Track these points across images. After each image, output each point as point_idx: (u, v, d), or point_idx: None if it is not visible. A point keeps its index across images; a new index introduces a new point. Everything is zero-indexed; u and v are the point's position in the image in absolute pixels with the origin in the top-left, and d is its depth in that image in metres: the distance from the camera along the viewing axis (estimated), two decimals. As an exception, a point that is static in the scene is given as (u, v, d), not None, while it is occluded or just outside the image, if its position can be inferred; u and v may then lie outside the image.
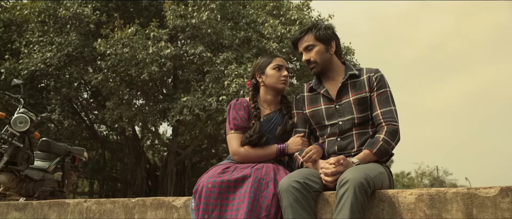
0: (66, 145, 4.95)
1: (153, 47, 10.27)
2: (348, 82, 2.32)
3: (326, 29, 2.37)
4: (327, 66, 2.37)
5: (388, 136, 2.15)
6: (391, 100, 2.25)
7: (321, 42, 2.35)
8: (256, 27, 11.94)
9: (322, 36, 2.34)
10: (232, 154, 2.31)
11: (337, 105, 2.30)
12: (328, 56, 2.36)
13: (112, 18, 11.30)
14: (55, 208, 2.60)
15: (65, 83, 11.20)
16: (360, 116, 2.25)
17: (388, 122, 2.19)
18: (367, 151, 2.11)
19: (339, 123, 2.26)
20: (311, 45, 2.35)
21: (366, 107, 2.26)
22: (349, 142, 2.23)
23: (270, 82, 2.46)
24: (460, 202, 1.70)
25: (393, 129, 2.17)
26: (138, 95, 13.11)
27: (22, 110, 4.27)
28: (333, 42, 2.37)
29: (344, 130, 2.25)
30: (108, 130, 15.93)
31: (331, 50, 2.36)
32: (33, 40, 10.82)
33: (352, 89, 2.30)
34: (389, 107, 2.23)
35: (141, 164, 14.63)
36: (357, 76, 2.33)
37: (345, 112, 2.27)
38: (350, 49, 13.12)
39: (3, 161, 4.02)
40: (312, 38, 2.35)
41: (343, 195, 1.74)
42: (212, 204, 1.94)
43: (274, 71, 2.46)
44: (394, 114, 2.22)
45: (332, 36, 2.37)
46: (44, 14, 10.77)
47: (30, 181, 4.44)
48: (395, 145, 2.18)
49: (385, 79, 2.31)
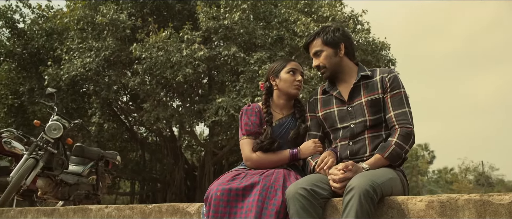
0: (99, 150, 5.12)
1: (187, 49, 10.44)
2: (361, 84, 2.27)
3: (334, 33, 2.33)
4: (337, 70, 2.33)
5: (401, 139, 2.08)
6: (405, 102, 2.18)
7: (329, 46, 2.31)
8: (288, 25, 11.89)
9: (330, 40, 2.31)
10: (245, 159, 2.31)
11: (349, 108, 2.25)
12: (337, 60, 2.32)
13: (146, 23, 11.57)
14: (79, 213, 2.69)
15: (104, 87, 11.57)
16: (372, 118, 2.19)
17: (402, 124, 2.12)
18: (379, 156, 2.06)
19: (351, 126, 2.22)
20: (319, 50, 2.32)
21: (379, 109, 2.20)
22: (361, 146, 2.18)
23: (283, 87, 2.43)
24: (473, 210, 1.62)
25: (407, 132, 2.10)
26: (174, 97, 13.37)
27: (55, 117, 4.44)
28: (342, 45, 2.32)
29: (355, 133, 2.20)
30: (147, 131, 16.33)
31: (340, 54, 2.32)
32: (73, 47, 11.25)
33: (364, 91, 2.24)
34: (403, 109, 2.16)
35: (179, 164, 14.91)
36: (370, 77, 2.27)
37: (357, 114, 2.22)
38: (385, 44, 12.84)
39: (39, 167, 4.20)
40: (320, 43, 2.33)
41: (348, 202, 1.71)
42: (220, 212, 1.94)
43: (288, 75, 2.43)
44: (408, 115, 2.15)
45: (341, 38, 2.32)
46: (82, 21, 11.17)
47: (65, 185, 4.62)
48: (409, 148, 2.11)
49: (399, 80, 2.24)
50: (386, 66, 12.97)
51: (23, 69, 12.75)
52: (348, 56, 2.35)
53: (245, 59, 10.85)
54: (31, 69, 12.62)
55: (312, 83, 10.11)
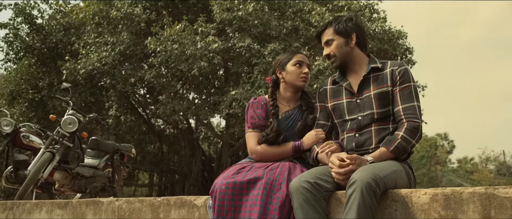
0: (114, 143, 5.20)
1: (202, 42, 10.45)
2: (371, 76, 2.25)
3: (346, 22, 2.31)
4: (347, 60, 2.31)
5: (408, 133, 2.06)
6: (414, 96, 2.15)
7: (340, 35, 2.30)
8: (303, 16, 11.80)
9: (341, 29, 2.30)
10: (250, 152, 2.33)
11: (358, 100, 2.24)
12: (347, 50, 2.30)
13: (161, 16, 11.62)
14: (92, 206, 2.75)
15: (120, 81, 11.70)
16: (380, 111, 2.17)
17: (409, 118, 2.10)
18: (384, 149, 2.04)
19: (358, 118, 2.21)
20: (331, 39, 2.32)
21: (387, 102, 2.18)
22: (367, 138, 2.17)
23: (290, 79, 2.43)
24: (477, 203, 1.60)
25: (414, 126, 2.08)
26: (190, 89, 13.44)
27: (71, 112, 4.53)
28: (354, 35, 2.30)
29: (362, 126, 2.19)
30: (164, 123, 16.48)
31: (351, 44, 2.30)
32: (90, 41, 11.39)
33: (374, 83, 2.23)
34: (412, 103, 2.13)
35: (197, 156, 15.02)
36: (380, 70, 2.25)
37: (365, 107, 2.21)
38: (402, 33, 12.65)
39: (55, 160, 4.30)
40: (332, 32, 2.32)
41: (350, 196, 1.70)
42: (226, 206, 1.96)
43: (295, 68, 2.43)
44: (416, 110, 2.12)
45: (353, 28, 2.30)
46: (98, 16, 11.28)
47: (81, 178, 4.72)
48: (415, 142, 2.09)
49: (410, 73, 2.21)
50: (403, 55, 12.78)
51: (42, 64, 12.97)
52: (359, 47, 2.33)
53: (260, 51, 10.82)
54: (50, 64, 12.84)
55: (326, 73, 10.05)
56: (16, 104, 13.13)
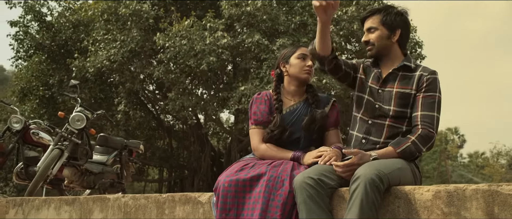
0: (123, 139, 5.24)
1: (210, 37, 10.46)
2: (400, 73, 2.22)
3: (395, 15, 2.24)
4: (383, 53, 2.26)
5: (420, 139, 2.04)
6: (436, 107, 2.11)
7: (385, 27, 2.23)
8: (311, 10, 11.73)
9: (388, 21, 2.22)
10: (253, 149, 2.33)
11: (380, 90, 2.22)
12: (388, 43, 2.24)
13: (169, 12, 11.65)
14: (98, 202, 2.78)
15: (129, 78, 11.76)
16: (397, 110, 2.15)
17: (425, 126, 2.07)
18: (391, 149, 2.03)
19: (376, 106, 2.20)
20: (374, 27, 2.24)
21: (407, 103, 2.15)
22: (377, 130, 2.16)
23: (293, 72, 2.40)
24: (481, 200, 1.59)
25: (428, 135, 2.06)
26: (199, 85, 13.47)
27: (79, 109, 4.56)
28: (398, 31, 2.23)
29: (376, 115, 2.18)
30: (173, 119, 16.56)
31: (393, 39, 2.24)
32: (99, 39, 11.46)
33: (400, 81, 2.19)
34: (432, 113, 2.10)
35: (206, 151, 15.08)
36: (411, 70, 2.21)
37: (385, 100, 2.19)
38: (411, 27, 12.50)
39: (64, 157, 4.34)
40: (378, 21, 2.24)
41: (354, 191, 1.71)
42: (229, 204, 1.96)
43: (299, 61, 2.39)
44: (434, 120, 2.09)
45: (400, 24, 2.23)
46: (106, 13, 11.34)
47: (90, 174, 4.76)
48: (425, 150, 2.07)
49: (438, 83, 2.15)
50: (412, 49, 12.66)
51: (52, 61, 13.10)
52: (399, 44, 2.27)
53: (268, 46, 10.80)
54: (60, 61, 12.95)
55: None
56: (27, 101, 13.29)
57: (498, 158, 33.94)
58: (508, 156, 33.11)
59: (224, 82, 13.31)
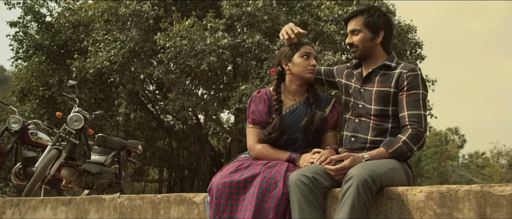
0: (121, 139, 5.24)
1: (211, 37, 10.45)
2: (379, 72, 2.23)
3: (378, 17, 2.24)
4: (368, 54, 2.27)
5: (411, 139, 2.04)
6: (421, 104, 2.11)
7: (368, 29, 2.24)
8: (312, 10, 11.75)
9: (371, 23, 2.23)
10: (248, 149, 2.31)
11: (362, 90, 2.24)
12: (371, 45, 2.25)
13: (169, 12, 11.64)
14: (94, 203, 2.78)
15: (129, 79, 11.76)
16: (377, 108, 2.16)
17: (414, 126, 2.07)
18: (383, 149, 2.03)
19: (359, 106, 2.23)
20: (358, 30, 2.25)
21: (387, 102, 2.16)
22: (364, 128, 2.18)
23: (297, 71, 2.34)
24: (473, 201, 1.59)
25: (418, 134, 2.06)
26: (199, 85, 13.47)
27: (77, 109, 4.57)
28: (381, 33, 2.24)
29: (361, 114, 2.21)
30: (174, 119, 16.57)
31: (377, 40, 2.25)
32: (98, 39, 11.45)
33: (379, 80, 2.20)
34: (418, 111, 2.09)
35: (206, 151, 15.08)
36: (391, 69, 2.21)
37: (367, 100, 2.21)
38: (411, 27, 12.53)
39: (62, 157, 4.34)
40: (361, 23, 2.24)
41: (346, 191, 1.71)
42: (223, 205, 1.95)
43: (302, 60, 2.33)
44: (422, 118, 2.09)
45: (383, 25, 2.24)
46: (106, 13, 11.33)
47: (88, 174, 4.76)
48: (417, 149, 2.07)
49: (420, 80, 2.14)
50: (412, 50, 12.66)
51: (52, 62, 13.09)
52: (383, 45, 2.28)
53: (269, 47, 10.80)
54: (60, 62, 12.95)
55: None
56: (27, 101, 13.28)
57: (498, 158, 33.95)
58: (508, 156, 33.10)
59: (224, 82, 13.30)
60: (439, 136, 34.60)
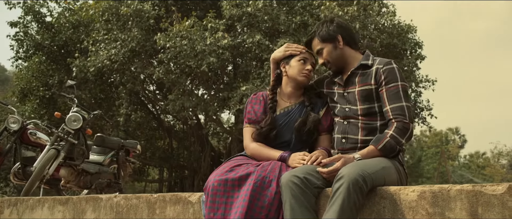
0: (119, 139, 5.25)
1: (211, 38, 10.46)
2: (358, 72, 2.27)
3: (328, 27, 2.33)
4: (341, 62, 2.33)
5: (397, 132, 2.06)
6: (402, 96, 2.13)
7: (327, 42, 2.32)
8: (312, 10, 11.74)
9: (325, 36, 2.31)
10: (244, 147, 2.36)
11: (345, 93, 2.28)
12: (338, 53, 2.32)
13: (170, 12, 11.65)
14: (91, 202, 2.79)
15: (130, 78, 11.77)
16: (363, 108, 2.20)
17: (399, 118, 2.09)
18: (372, 147, 2.05)
19: (346, 109, 2.25)
20: (320, 48, 2.34)
21: (372, 100, 2.19)
22: (354, 128, 2.20)
23: (292, 74, 2.41)
24: (465, 200, 1.59)
25: (404, 126, 2.08)
26: (199, 85, 13.47)
27: (75, 109, 4.59)
28: (339, 37, 2.31)
29: (349, 116, 2.23)
30: (174, 119, 16.58)
31: (339, 46, 2.31)
32: (99, 39, 11.45)
33: (360, 80, 2.24)
34: (400, 103, 2.12)
35: (206, 151, 15.09)
36: (368, 67, 2.25)
37: (352, 102, 2.24)
38: (411, 27, 12.51)
39: (60, 157, 4.36)
40: (318, 41, 2.35)
41: (336, 191, 1.72)
42: (217, 203, 1.98)
43: (299, 64, 2.41)
44: (405, 110, 2.11)
45: (336, 31, 2.31)
46: (107, 13, 11.34)
47: (87, 174, 4.78)
48: (405, 141, 2.09)
49: (396, 72, 2.18)
50: (412, 50, 12.65)
51: (52, 62, 13.09)
52: (349, 46, 2.33)
53: (269, 47, 10.80)
54: (60, 62, 12.95)
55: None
56: (28, 101, 13.30)
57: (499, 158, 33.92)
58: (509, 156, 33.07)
59: (224, 83, 13.30)
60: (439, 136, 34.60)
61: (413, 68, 13.11)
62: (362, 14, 11.63)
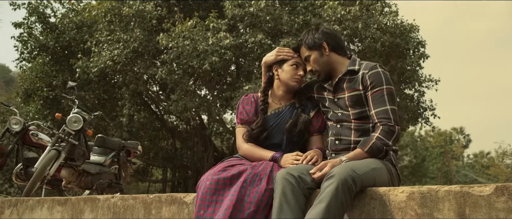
0: (120, 140, 5.28)
1: (213, 38, 10.48)
2: (346, 78, 2.29)
3: (313, 34, 2.35)
4: (328, 68, 2.36)
5: (383, 134, 2.09)
6: (387, 99, 2.15)
7: (313, 49, 2.34)
8: (314, 10, 11.75)
9: (311, 43, 2.34)
10: (237, 148, 2.39)
11: (336, 99, 2.31)
12: (325, 60, 2.34)
13: (172, 13, 11.68)
14: (89, 203, 2.82)
15: (132, 79, 11.81)
16: (355, 112, 2.22)
17: (383, 122, 2.12)
18: (359, 150, 2.08)
19: (338, 114, 2.28)
20: (307, 56, 2.36)
21: (362, 104, 2.22)
22: (346, 131, 2.22)
23: (284, 78, 2.44)
24: (453, 201, 1.61)
25: (390, 129, 2.11)
26: (202, 85, 13.50)
27: (76, 110, 4.62)
28: (325, 44, 2.33)
29: (342, 120, 2.26)
30: (177, 120, 16.62)
31: (326, 52, 2.33)
32: (102, 39, 11.50)
33: (348, 86, 2.27)
34: (384, 107, 2.14)
35: (209, 151, 15.11)
36: (355, 73, 2.27)
37: (343, 107, 2.27)
38: (414, 26, 12.48)
39: (61, 158, 4.40)
40: (305, 49, 2.37)
41: (325, 189, 1.74)
42: (207, 200, 2.00)
43: (291, 68, 2.43)
44: (389, 113, 2.13)
45: (321, 38, 2.33)
46: (110, 13, 11.39)
47: (87, 174, 4.81)
48: (392, 143, 2.11)
49: (382, 76, 2.20)
50: (415, 49, 12.62)
51: (56, 63, 13.16)
52: (335, 52, 2.35)
53: (272, 47, 10.81)
54: (64, 62, 13.02)
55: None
56: (32, 102, 13.37)
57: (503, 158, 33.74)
58: (513, 156, 32.87)
59: (227, 83, 13.33)
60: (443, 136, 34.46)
61: (416, 68, 13.09)
62: (365, 14, 11.62)
